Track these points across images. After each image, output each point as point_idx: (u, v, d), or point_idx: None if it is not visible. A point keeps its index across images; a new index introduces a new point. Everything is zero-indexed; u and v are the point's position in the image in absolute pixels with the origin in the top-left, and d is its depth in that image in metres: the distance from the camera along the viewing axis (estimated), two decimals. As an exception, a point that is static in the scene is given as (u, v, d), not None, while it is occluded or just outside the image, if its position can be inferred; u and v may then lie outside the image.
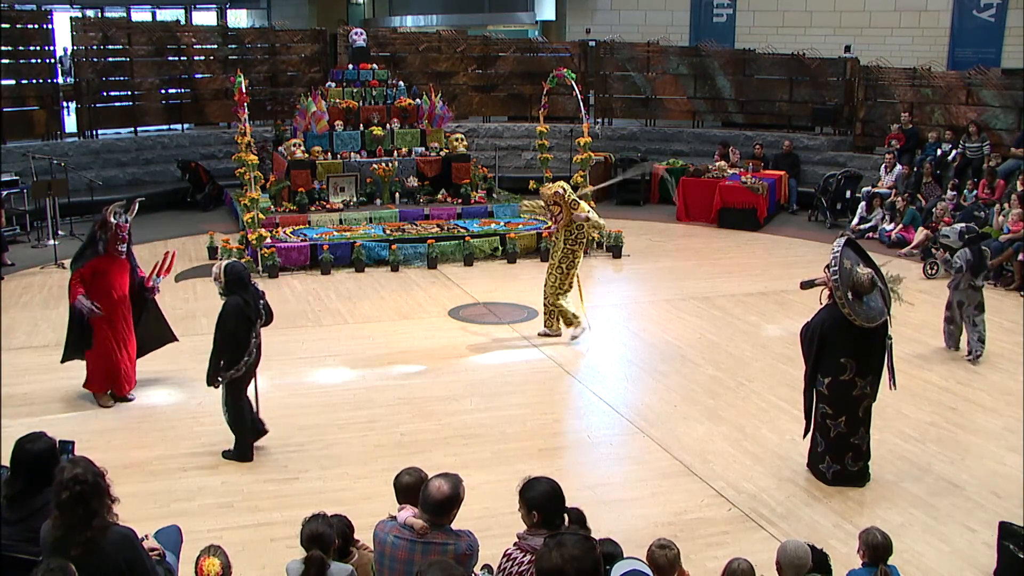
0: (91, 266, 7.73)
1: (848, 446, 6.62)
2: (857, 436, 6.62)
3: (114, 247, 7.75)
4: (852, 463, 6.63)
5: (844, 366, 6.47)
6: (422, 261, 12.82)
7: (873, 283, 6.42)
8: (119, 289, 7.89)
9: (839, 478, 6.64)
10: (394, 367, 9.02)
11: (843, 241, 6.66)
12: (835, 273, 6.35)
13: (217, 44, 18.79)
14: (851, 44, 20.61)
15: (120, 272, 7.92)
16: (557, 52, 20.18)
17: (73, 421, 7.54)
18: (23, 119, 16.16)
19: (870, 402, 6.64)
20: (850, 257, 6.56)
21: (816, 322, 6.60)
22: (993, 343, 9.88)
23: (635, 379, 8.89)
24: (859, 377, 6.50)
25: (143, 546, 4.02)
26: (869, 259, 6.71)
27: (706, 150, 18.21)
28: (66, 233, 13.91)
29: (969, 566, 5.69)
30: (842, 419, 6.57)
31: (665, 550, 4.45)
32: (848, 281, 6.38)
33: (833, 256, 6.44)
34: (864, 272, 6.41)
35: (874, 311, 6.42)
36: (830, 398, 6.58)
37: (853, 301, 6.36)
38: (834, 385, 6.53)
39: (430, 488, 3.97)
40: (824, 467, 6.69)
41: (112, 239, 7.72)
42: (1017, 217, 12.20)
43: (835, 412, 6.59)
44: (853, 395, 6.54)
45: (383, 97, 15.04)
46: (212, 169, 17.08)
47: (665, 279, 12.45)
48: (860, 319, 6.32)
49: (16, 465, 4.31)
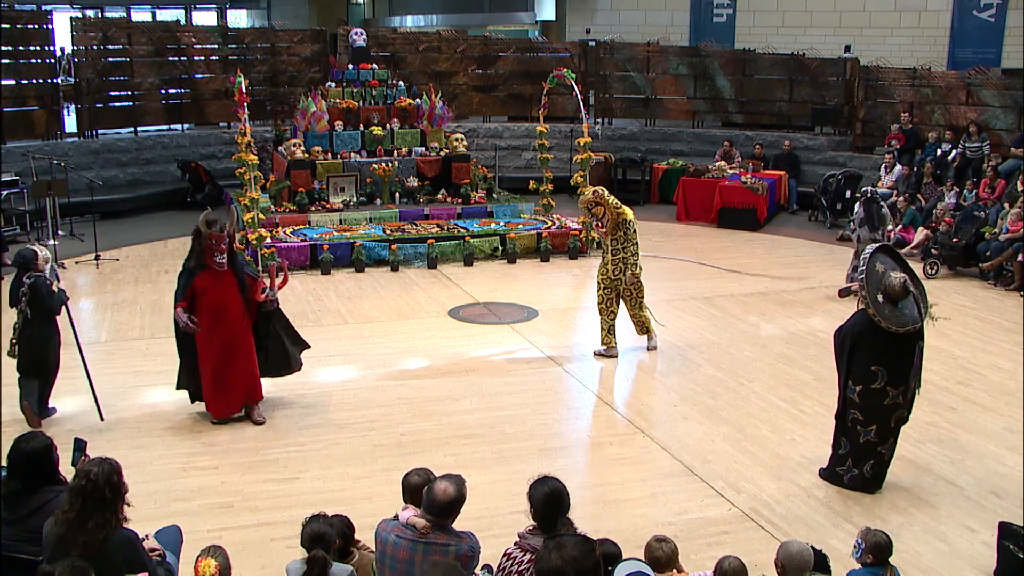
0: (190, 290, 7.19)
1: (872, 454, 6.49)
2: (885, 446, 6.49)
3: (211, 259, 7.15)
4: (870, 470, 6.52)
5: (875, 374, 6.30)
6: (422, 261, 12.82)
7: (906, 288, 6.23)
8: (223, 305, 7.25)
9: (855, 482, 6.54)
10: (394, 367, 9.02)
11: (876, 247, 6.57)
12: (862, 274, 6.31)
13: (217, 44, 18.78)
14: (851, 44, 20.63)
15: (222, 286, 7.24)
16: (557, 52, 20.18)
17: (73, 421, 7.54)
18: (23, 119, 16.15)
19: (903, 413, 6.46)
20: (885, 263, 6.44)
21: (848, 326, 6.47)
22: (993, 343, 9.90)
23: (635, 379, 8.90)
24: (891, 386, 6.31)
25: (144, 547, 4.02)
26: (907, 266, 6.56)
27: (706, 150, 18.22)
28: (66, 233, 13.90)
29: (969, 566, 5.69)
30: (873, 427, 6.41)
31: (663, 543, 4.50)
32: (880, 285, 6.27)
33: (863, 259, 6.39)
34: (897, 277, 6.25)
35: (906, 317, 6.25)
36: (861, 406, 6.41)
37: (883, 305, 6.22)
38: (865, 393, 6.36)
39: (435, 490, 3.97)
40: (843, 470, 6.58)
41: (207, 250, 7.15)
42: (1017, 217, 12.20)
43: (866, 420, 6.43)
44: (885, 404, 6.35)
45: (383, 97, 15.03)
46: (212, 169, 17.07)
47: (665, 279, 12.45)
48: (887, 322, 6.17)
49: (11, 464, 4.32)
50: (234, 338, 7.35)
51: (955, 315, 10.80)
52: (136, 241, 13.84)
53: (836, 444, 6.67)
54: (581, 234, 13.60)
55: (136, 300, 11.00)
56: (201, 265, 7.22)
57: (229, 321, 7.31)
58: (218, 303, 7.26)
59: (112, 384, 8.29)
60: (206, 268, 7.21)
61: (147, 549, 4.08)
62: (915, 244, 13.55)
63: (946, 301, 11.31)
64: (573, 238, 13.52)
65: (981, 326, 10.51)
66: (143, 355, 9.24)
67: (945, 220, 13.16)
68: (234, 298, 7.32)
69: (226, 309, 7.29)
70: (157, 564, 4.10)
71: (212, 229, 7.16)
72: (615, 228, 8.96)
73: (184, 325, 7.17)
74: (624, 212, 8.95)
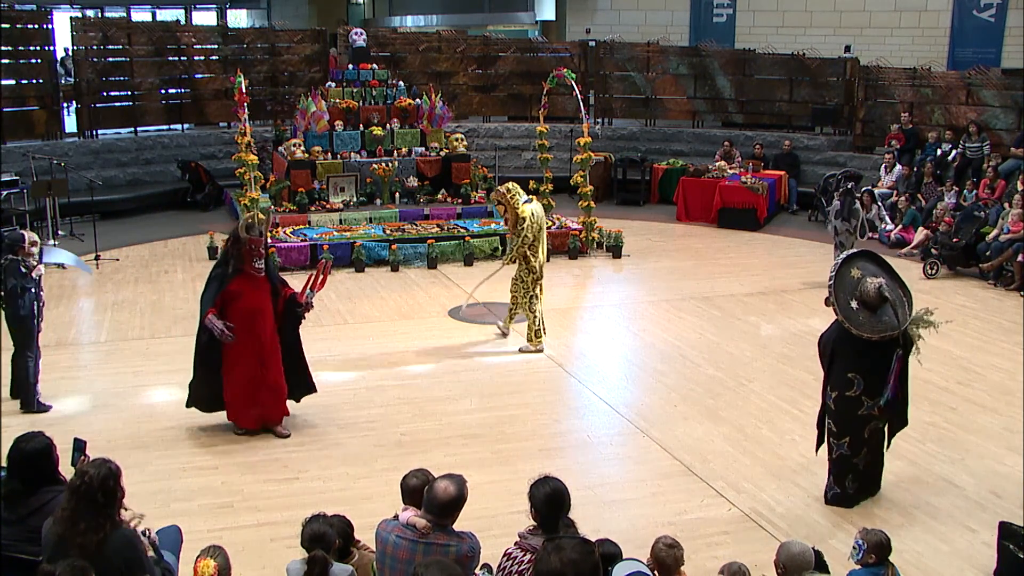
0: (223, 295, 6.99)
1: (849, 468, 6.33)
2: (859, 457, 6.32)
3: (249, 265, 6.99)
4: (851, 484, 6.35)
5: (851, 381, 6.17)
6: (422, 261, 12.82)
7: (881, 295, 6.06)
8: (257, 311, 7.09)
9: (838, 500, 6.37)
10: (394, 367, 9.02)
11: (852, 252, 6.46)
12: (831, 279, 6.15)
13: (217, 44, 18.77)
14: (851, 44, 20.62)
15: (258, 293, 7.10)
16: (557, 52, 20.18)
17: (73, 421, 7.54)
18: (23, 119, 16.14)
19: (878, 424, 6.32)
20: (864, 268, 6.29)
21: (827, 333, 6.38)
22: (993, 343, 9.90)
23: (635, 379, 8.90)
24: (866, 396, 6.15)
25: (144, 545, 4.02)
26: (893, 272, 6.40)
27: (706, 150, 18.21)
28: (66, 233, 13.91)
29: (969, 566, 5.69)
30: (846, 440, 6.27)
31: (673, 549, 4.44)
32: (855, 291, 6.15)
33: (833, 265, 6.28)
34: (872, 283, 6.08)
35: (884, 324, 6.10)
36: (835, 414, 6.30)
37: (858, 311, 6.08)
38: (840, 400, 6.22)
39: (436, 489, 3.97)
40: (825, 487, 6.45)
41: (246, 256, 6.97)
42: (1017, 217, 12.20)
43: (839, 431, 6.28)
44: (859, 414, 6.19)
45: (383, 97, 15.03)
46: (212, 169, 17.06)
47: (665, 279, 12.45)
48: (859, 329, 6.03)
49: (11, 464, 4.32)
50: (265, 345, 7.17)
51: (955, 315, 10.78)
52: (136, 241, 13.83)
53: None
54: (581, 234, 13.60)
55: (136, 300, 10.99)
56: (237, 270, 7.03)
57: (262, 326, 7.14)
58: (252, 308, 7.07)
59: (112, 384, 8.29)
60: (241, 273, 7.02)
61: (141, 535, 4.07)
62: (915, 244, 13.56)
63: (946, 301, 11.32)
64: (573, 238, 13.52)
65: (981, 326, 10.51)
66: (143, 355, 9.24)
67: (945, 220, 13.16)
68: (267, 304, 7.18)
69: (260, 315, 7.12)
70: (154, 563, 4.10)
71: (252, 234, 6.98)
72: (514, 225, 9.37)
73: (219, 333, 6.88)
74: (522, 211, 9.28)
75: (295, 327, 7.44)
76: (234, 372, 7.15)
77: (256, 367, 7.15)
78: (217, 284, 7.04)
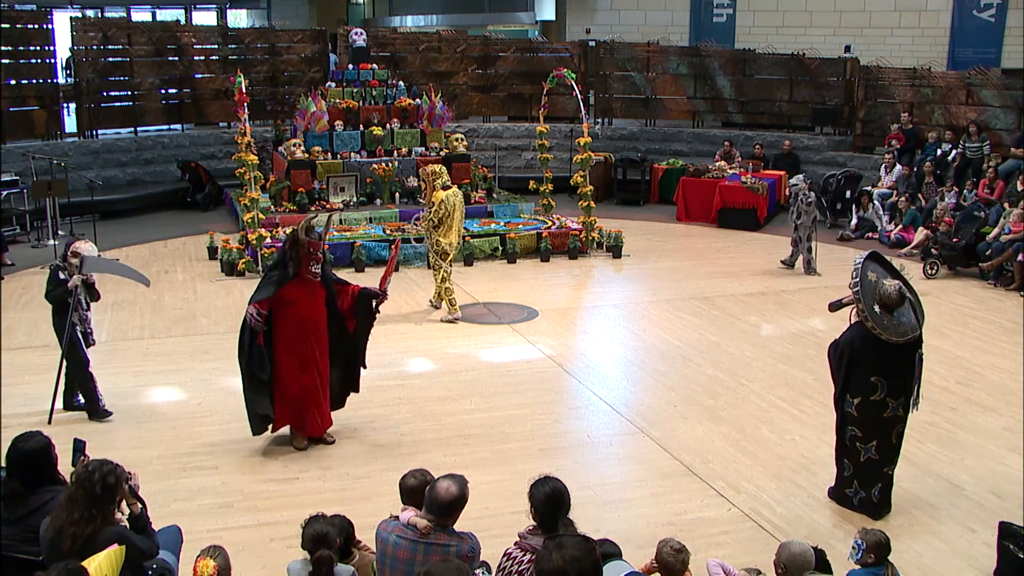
0: (279, 295, 6.74)
1: (879, 476, 6.23)
2: (891, 467, 6.24)
3: (307, 268, 6.77)
4: (878, 494, 6.28)
5: (875, 385, 6.10)
6: (422, 261, 12.80)
7: (902, 296, 6.07)
8: (311, 318, 6.88)
9: (864, 506, 6.29)
10: (394, 367, 9.02)
11: (865, 255, 6.37)
12: (856, 286, 6.08)
13: (217, 44, 18.79)
14: (851, 44, 20.64)
15: (312, 298, 6.88)
16: (557, 52, 20.18)
17: (72, 420, 7.54)
18: (23, 119, 16.15)
19: (903, 427, 6.22)
20: (875, 271, 6.25)
21: (845, 340, 6.24)
22: (993, 343, 9.90)
23: (635, 379, 8.89)
24: (891, 397, 6.08)
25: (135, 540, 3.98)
26: (897, 272, 6.40)
27: (706, 150, 18.22)
28: (66, 233, 13.88)
29: (969, 566, 5.69)
30: (873, 444, 6.16)
31: (680, 554, 4.43)
32: (875, 295, 6.09)
33: (855, 270, 6.17)
34: (891, 284, 6.08)
35: (905, 326, 6.06)
36: (860, 420, 6.19)
37: (881, 315, 6.04)
38: (864, 406, 6.11)
39: (438, 489, 3.97)
40: (851, 492, 6.35)
41: (304, 258, 6.75)
42: (1018, 217, 12.20)
43: (865, 436, 6.17)
44: (884, 416, 6.11)
45: (383, 97, 15.03)
46: (212, 169, 17.08)
47: (665, 279, 12.45)
48: (888, 333, 5.99)
49: (10, 464, 4.32)
50: (317, 353, 6.95)
51: (955, 315, 10.81)
52: (136, 241, 13.83)
53: (839, 464, 6.42)
54: (581, 234, 13.60)
55: (136, 300, 10.98)
56: (295, 274, 6.79)
57: (316, 334, 6.92)
58: (307, 316, 6.84)
59: (112, 384, 8.28)
60: (297, 278, 6.79)
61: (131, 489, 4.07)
62: (915, 244, 13.56)
63: (946, 301, 11.33)
64: (573, 238, 13.52)
65: (981, 326, 10.51)
66: (143, 355, 9.24)
67: (945, 220, 13.16)
68: (322, 312, 6.95)
69: (315, 322, 6.90)
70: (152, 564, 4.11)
71: (311, 236, 6.76)
72: (429, 204, 10.35)
73: (250, 317, 6.62)
74: (436, 195, 10.18)
75: (368, 324, 7.20)
76: (288, 382, 6.92)
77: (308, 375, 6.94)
78: (273, 287, 6.76)
